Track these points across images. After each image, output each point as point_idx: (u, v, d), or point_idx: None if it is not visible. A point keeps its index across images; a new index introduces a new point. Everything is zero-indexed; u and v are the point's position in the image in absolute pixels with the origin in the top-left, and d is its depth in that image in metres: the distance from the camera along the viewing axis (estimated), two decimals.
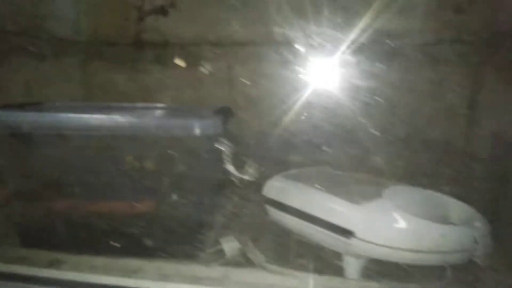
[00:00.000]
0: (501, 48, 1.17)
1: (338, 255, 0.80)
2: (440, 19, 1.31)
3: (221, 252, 0.87)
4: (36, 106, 1.06)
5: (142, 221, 0.88)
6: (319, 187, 0.84)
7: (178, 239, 0.87)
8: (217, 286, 0.70)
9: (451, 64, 1.29)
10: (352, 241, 0.70)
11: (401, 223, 0.69)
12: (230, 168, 0.72)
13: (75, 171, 0.87)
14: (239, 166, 0.80)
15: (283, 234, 0.89)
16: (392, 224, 0.69)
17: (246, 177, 0.76)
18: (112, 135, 0.85)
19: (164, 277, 0.72)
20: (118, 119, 0.82)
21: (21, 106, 1.01)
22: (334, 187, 0.83)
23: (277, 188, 0.90)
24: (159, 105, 1.11)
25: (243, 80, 1.44)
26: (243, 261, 0.84)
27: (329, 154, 1.16)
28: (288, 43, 1.24)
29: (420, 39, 1.33)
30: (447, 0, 1.30)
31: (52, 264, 0.75)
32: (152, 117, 0.93)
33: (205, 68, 1.44)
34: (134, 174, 0.88)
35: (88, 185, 0.87)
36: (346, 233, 0.71)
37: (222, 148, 0.73)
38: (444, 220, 0.79)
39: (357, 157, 1.18)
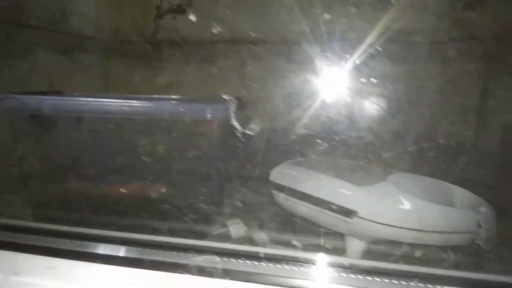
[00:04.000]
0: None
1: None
2: (452, 18, 1.32)
3: (227, 234, 0.90)
4: (56, 94, 1.12)
5: (153, 204, 0.91)
6: (324, 171, 0.85)
7: (187, 221, 0.89)
8: None
9: (463, 61, 1.30)
10: (355, 220, 0.72)
11: (403, 204, 0.70)
12: (236, 123, 0.75)
13: (90, 154, 0.91)
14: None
15: (288, 218, 0.90)
16: (394, 204, 0.70)
17: (248, 132, 0.78)
18: (127, 119, 0.89)
19: None
20: (134, 103, 0.86)
21: (43, 93, 1.07)
22: (340, 172, 0.85)
23: (283, 173, 0.92)
24: (172, 96, 1.16)
25: (254, 76, 1.47)
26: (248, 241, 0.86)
27: (338, 147, 1.17)
28: (299, 42, 1.27)
29: (433, 37, 1.33)
30: None
31: None
32: (166, 102, 0.96)
33: (219, 66, 1.49)
34: (147, 158, 0.91)
35: (103, 168, 0.91)
36: (349, 213, 0.73)
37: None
38: (449, 205, 0.79)
39: (368, 150, 1.19)
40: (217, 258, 0.35)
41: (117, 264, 0.36)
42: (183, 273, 0.34)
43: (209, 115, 0.86)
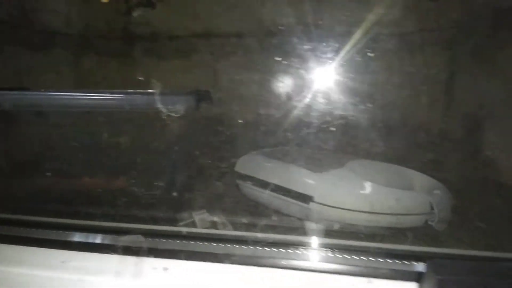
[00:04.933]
0: (475, 34, 1.20)
1: None
2: (419, 9, 1.34)
3: (192, 224, 0.90)
4: (22, 90, 1.10)
5: (117, 196, 0.91)
6: (286, 160, 0.87)
7: (153, 212, 0.90)
8: None
9: (429, 51, 1.32)
10: (311, 205, 0.73)
11: (355, 188, 0.72)
12: (161, 106, 0.76)
13: (53, 148, 0.91)
14: None
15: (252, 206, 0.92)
16: (346, 188, 0.72)
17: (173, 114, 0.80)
18: (88, 113, 0.89)
19: None
20: (93, 96, 0.86)
21: (9, 89, 1.06)
22: (301, 160, 0.87)
23: (247, 163, 0.93)
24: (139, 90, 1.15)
25: (227, 70, 1.48)
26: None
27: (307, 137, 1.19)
28: (272, 35, 1.28)
29: (401, 28, 1.35)
30: None
31: None
32: (126, 94, 0.96)
33: (192, 59, 1.49)
34: (110, 151, 0.92)
35: (66, 162, 0.91)
36: (305, 198, 0.74)
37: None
38: (406, 189, 0.81)
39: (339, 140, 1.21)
40: (142, 238, 0.36)
41: (48, 247, 0.36)
42: (109, 253, 0.35)
43: (172, 108, 0.87)
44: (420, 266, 0.29)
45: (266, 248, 0.37)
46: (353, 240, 0.36)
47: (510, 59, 1.03)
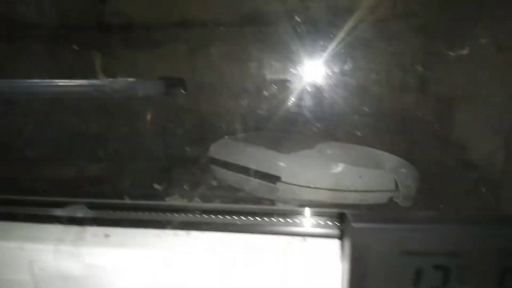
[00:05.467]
0: (446, 20, 1.22)
1: None
2: None
3: None
4: None
5: (91, 184, 0.90)
6: (257, 144, 0.87)
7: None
8: None
9: (404, 38, 1.33)
10: (279, 185, 0.74)
11: (320, 166, 0.73)
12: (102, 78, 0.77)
13: (23, 136, 0.91)
14: None
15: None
16: (312, 167, 0.73)
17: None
18: (58, 100, 0.88)
19: None
20: (60, 83, 0.86)
21: None
22: (271, 143, 0.87)
23: (221, 148, 0.94)
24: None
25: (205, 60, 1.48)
26: None
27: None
28: (250, 24, 1.28)
29: (375, 15, 1.36)
30: None
31: None
32: (96, 80, 0.96)
33: (169, 49, 1.49)
34: (81, 138, 0.91)
35: (37, 150, 0.90)
36: (273, 178, 0.75)
37: None
38: (374, 168, 0.83)
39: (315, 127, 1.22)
40: (85, 208, 0.37)
41: None
42: (53, 223, 0.35)
43: (140, 92, 0.87)
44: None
45: (211, 216, 0.37)
46: (292, 206, 0.37)
47: (476, 41, 1.05)
